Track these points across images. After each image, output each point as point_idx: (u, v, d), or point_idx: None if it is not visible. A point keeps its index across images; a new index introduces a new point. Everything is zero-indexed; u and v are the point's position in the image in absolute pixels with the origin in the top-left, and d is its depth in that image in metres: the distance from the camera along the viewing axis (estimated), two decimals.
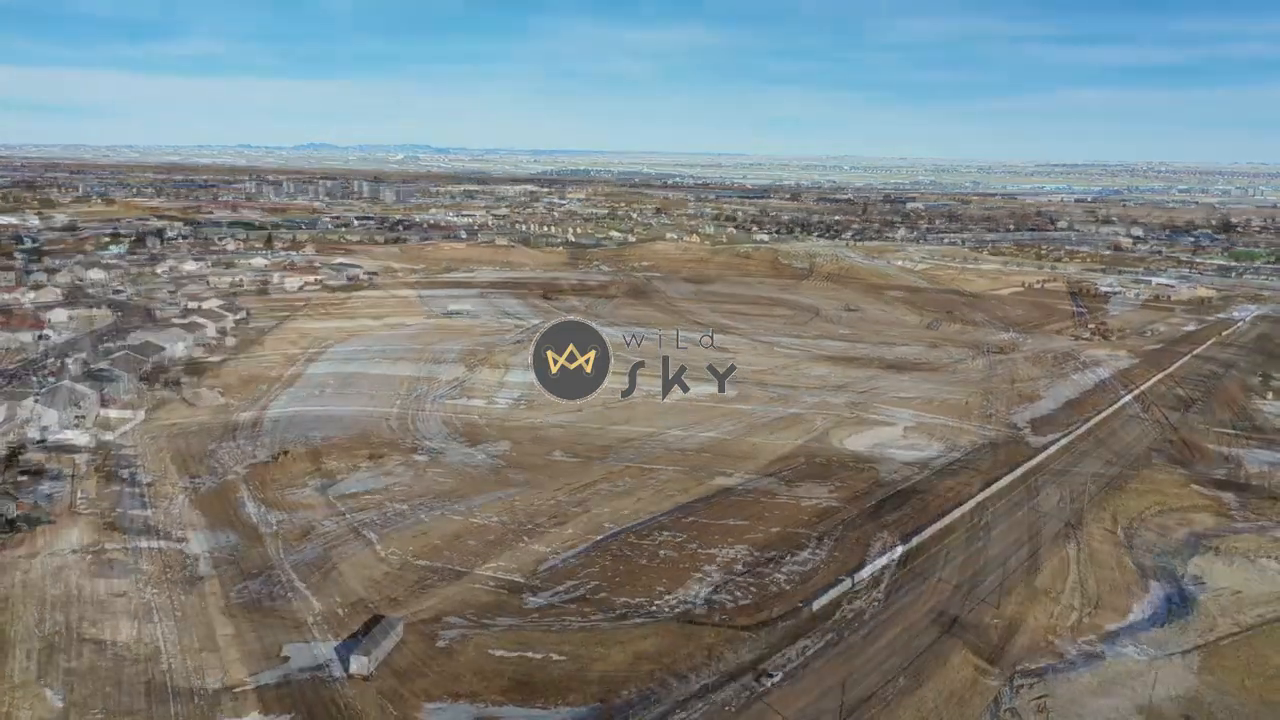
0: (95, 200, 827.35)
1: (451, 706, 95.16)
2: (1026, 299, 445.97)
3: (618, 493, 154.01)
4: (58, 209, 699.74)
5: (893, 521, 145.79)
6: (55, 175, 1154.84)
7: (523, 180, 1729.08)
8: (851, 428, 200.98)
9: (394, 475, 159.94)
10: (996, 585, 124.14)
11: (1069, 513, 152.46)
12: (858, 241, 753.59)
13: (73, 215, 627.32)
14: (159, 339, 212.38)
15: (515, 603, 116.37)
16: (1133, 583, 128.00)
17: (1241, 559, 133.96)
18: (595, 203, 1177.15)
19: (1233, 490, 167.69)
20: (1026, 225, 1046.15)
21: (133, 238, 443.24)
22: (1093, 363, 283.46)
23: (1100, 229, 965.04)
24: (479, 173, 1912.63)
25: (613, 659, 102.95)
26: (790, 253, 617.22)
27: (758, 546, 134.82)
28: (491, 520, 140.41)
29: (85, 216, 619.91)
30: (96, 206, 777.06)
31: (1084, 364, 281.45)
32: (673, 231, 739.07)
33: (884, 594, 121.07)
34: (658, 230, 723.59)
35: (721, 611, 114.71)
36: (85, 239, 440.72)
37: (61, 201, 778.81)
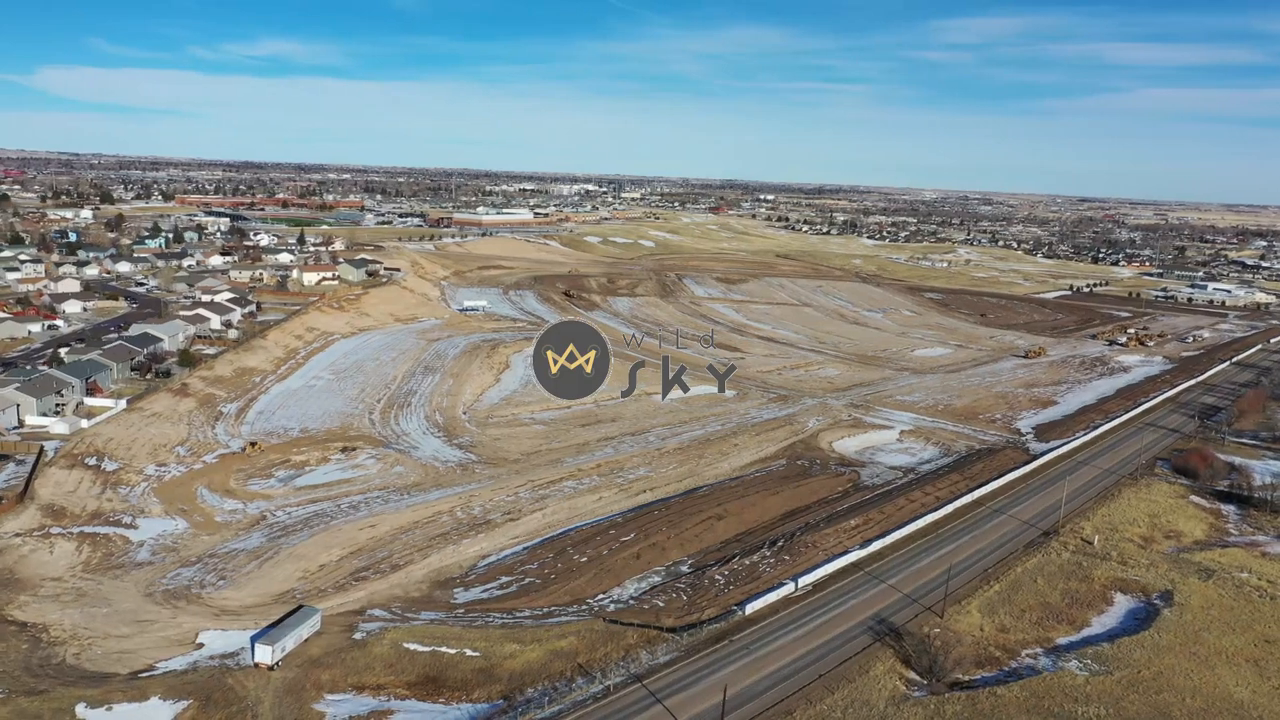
0: (155, 196, 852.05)
1: (352, 699, 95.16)
2: (1071, 303, 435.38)
3: (581, 490, 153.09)
4: (118, 204, 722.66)
5: (857, 526, 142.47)
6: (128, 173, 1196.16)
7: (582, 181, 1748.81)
8: (845, 430, 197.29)
9: (362, 468, 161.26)
10: (949, 594, 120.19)
11: (1049, 521, 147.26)
12: (909, 243, 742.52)
13: (130, 211, 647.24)
14: (158, 330, 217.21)
15: (444, 597, 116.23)
16: (1098, 595, 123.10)
17: (1221, 574, 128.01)
18: (649, 203, 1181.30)
19: (1235, 502, 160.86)
20: (1092, 229, 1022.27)
21: (171, 233, 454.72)
22: (1121, 368, 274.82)
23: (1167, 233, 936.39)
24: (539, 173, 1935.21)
25: (526, 657, 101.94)
26: (830, 253, 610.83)
27: (711, 547, 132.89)
28: (444, 515, 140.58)
29: (139, 212, 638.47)
30: (155, 203, 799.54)
31: (1112, 369, 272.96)
32: (716, 228, 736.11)
33: (828, 599, 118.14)
34: (698, 229, 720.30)
35: (652, 612, 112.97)
36: (125, 233, 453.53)
37: (123, 198, 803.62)
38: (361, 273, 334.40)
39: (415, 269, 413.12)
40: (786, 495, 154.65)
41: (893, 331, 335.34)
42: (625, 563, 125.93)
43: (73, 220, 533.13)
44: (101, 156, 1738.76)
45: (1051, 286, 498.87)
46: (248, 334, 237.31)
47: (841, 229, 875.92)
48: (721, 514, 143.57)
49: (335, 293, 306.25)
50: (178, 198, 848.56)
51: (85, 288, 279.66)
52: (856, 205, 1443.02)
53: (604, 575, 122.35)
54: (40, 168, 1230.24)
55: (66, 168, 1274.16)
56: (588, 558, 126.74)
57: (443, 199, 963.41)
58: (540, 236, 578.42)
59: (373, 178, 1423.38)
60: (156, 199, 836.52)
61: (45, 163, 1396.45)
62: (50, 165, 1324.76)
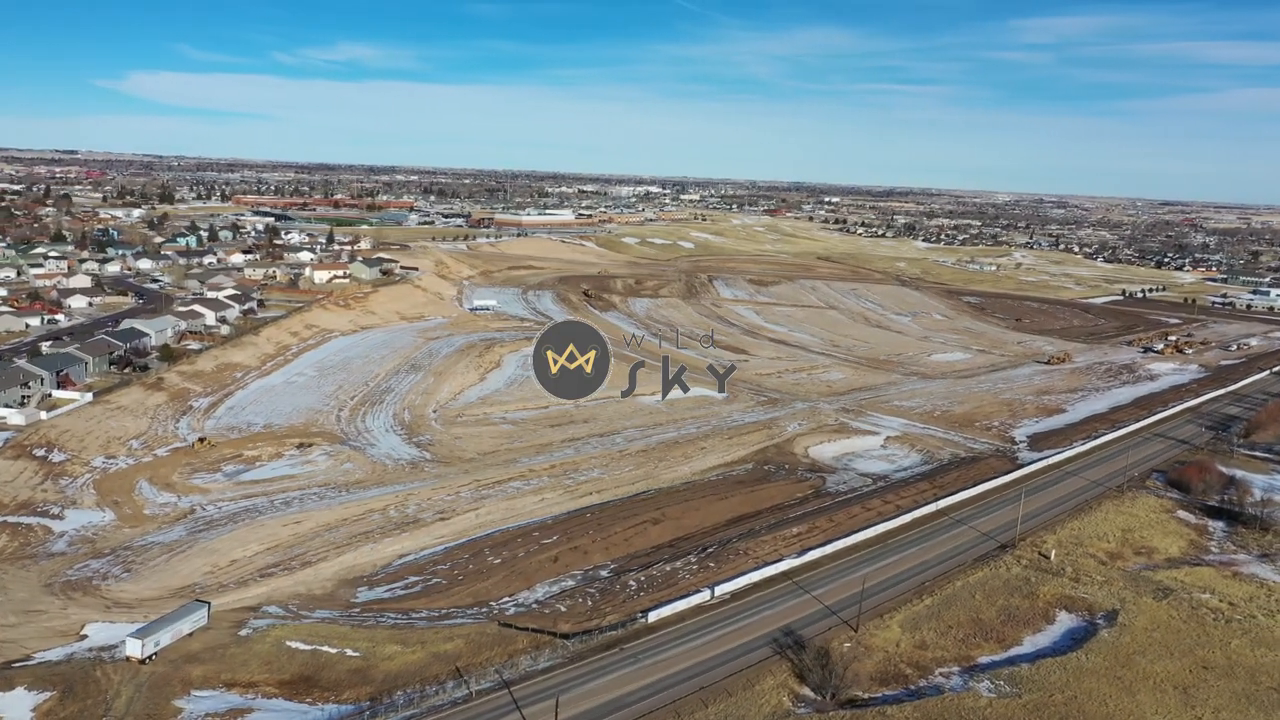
0: (215, 197, 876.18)
1: (218, 695, 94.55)
2: (1120, 308, 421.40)
3: (525, 491, 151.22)
4: (176, 204, 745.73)
5: (800, 534, 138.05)
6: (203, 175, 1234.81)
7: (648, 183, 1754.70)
8: (827, 435, 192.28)
9: (312, 464, 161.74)
10: (870, 608, 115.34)
11: (1012, 534, 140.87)
12: (964, 246, 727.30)
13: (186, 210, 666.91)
14: (146, 326, 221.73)
15: (346, 596, 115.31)
16: (1039, 613, 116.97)
17: (1180, 593, 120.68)
18: (707, 204, 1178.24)
19: (1224, 518, 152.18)
20: (1166, 232, 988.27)
21: (206, 231, 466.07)
22: (1148, 376, 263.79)
23: (1246, 238, 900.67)
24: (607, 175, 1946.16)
25: (406, 659, 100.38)
26: (877, 256, 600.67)
27: (639, 552, 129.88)
28: (376, 513, 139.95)
29: (193, 212, 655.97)
30: (213, 203, 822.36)
31: (1137, 378, 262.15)
32: (762, 230, 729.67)
33: (742, 609, 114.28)
34: (744, 231, 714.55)
35: (551, 617, 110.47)
36: (163, 232, 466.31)
37: (185, 198, 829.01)
38: (375, 271, 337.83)
39: (439, 268, 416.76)
40: (737, 500, 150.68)
41: (915, 335, 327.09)
42: (540, 565, 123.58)
43: (120, 219, 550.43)
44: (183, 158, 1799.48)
45: (1103, 291, 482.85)
46: (240, 330, 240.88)
47: (898, 232, 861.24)
48: (659, 518, 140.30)
49: (343, 291, 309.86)
50: (234, 198, 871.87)
51: (97, 284, 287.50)
52: (922, 208, 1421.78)
53: (515, 578, 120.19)
54: (122, 169, 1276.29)
55: (146, 169, 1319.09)
56: (502, 559, 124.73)
57: (499, 200, 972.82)
58: (576, 237, 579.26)
59: (439, 179, 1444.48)
60: (215, 199, 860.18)
61: (128, 164, 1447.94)
62: (132, 167, 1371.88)
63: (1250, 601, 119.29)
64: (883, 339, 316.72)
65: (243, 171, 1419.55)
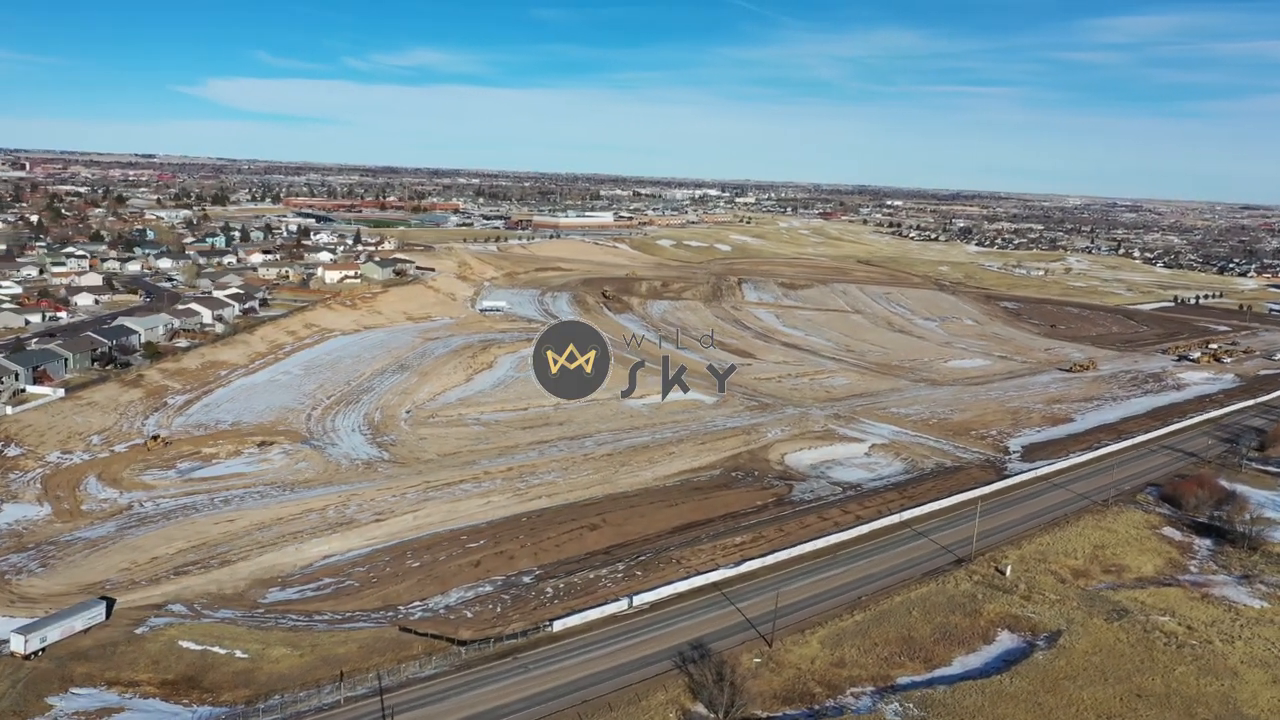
0: (267, 200, 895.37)
1: (95, 693, 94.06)
2: (1168, 315, 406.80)
3: (473, 494, 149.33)
4: (228, 206, 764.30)
5: (742, 544, 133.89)
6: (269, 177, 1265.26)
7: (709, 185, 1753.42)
8: (810, 441, 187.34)
9: (268, 462, 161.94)
10: (798, 622, 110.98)
11: (968, 548, 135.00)
12: (1018, 250, 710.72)
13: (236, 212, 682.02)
14: (136, 324, 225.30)
15: (255, 596, 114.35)
16: (979, 632, 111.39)
17: (1136, 615, 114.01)
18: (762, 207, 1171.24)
19: (1213, 536, 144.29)
20: (1239, 237, 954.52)
21: (239, 232, 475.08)
22: (1175, 386, 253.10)
23: None
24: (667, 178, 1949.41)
25: (293, 662, 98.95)
26: (921, 259, 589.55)
27: (570, 558, 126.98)
28: (314, 512, 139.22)
29: (239, 213, 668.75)
30: (264, 205, 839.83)
31: (1163, 387, 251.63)
32: (807, 234, 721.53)
33: (657, 620, 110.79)
34: (788, 234, 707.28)
35: (455, 623, 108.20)
36: (197, 232, 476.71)
37: (238, 200, 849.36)
38: (388, 272, 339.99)
39: (461, 269, 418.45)
40: (689, 507, 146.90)
41: (936, 341, 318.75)
42: (460, 570, 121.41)
43: (162, 220, 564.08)
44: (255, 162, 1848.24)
45: (1155, 298, 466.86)
46: (235, 329, 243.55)
47: (952, 236, 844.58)
48: (599, 524, 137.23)
49: (352, 290, 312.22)
50: (285, 200, 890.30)
51: (108, 282, 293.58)
52: (986, 212, 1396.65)
53: (430, 582, 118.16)
54: (193, 172, 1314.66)
55: (216, 172, 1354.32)
56: (421, 563, 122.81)
57: (550, 203, 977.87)
58: (610, 239, 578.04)
59: (499, 183, 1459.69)
60: (267, 201, 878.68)
61: (200, 168, 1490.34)
62: (203, 170, 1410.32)
63: (1211, 626, 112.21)
64: (902, 344, 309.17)
65: (308, 174, 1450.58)
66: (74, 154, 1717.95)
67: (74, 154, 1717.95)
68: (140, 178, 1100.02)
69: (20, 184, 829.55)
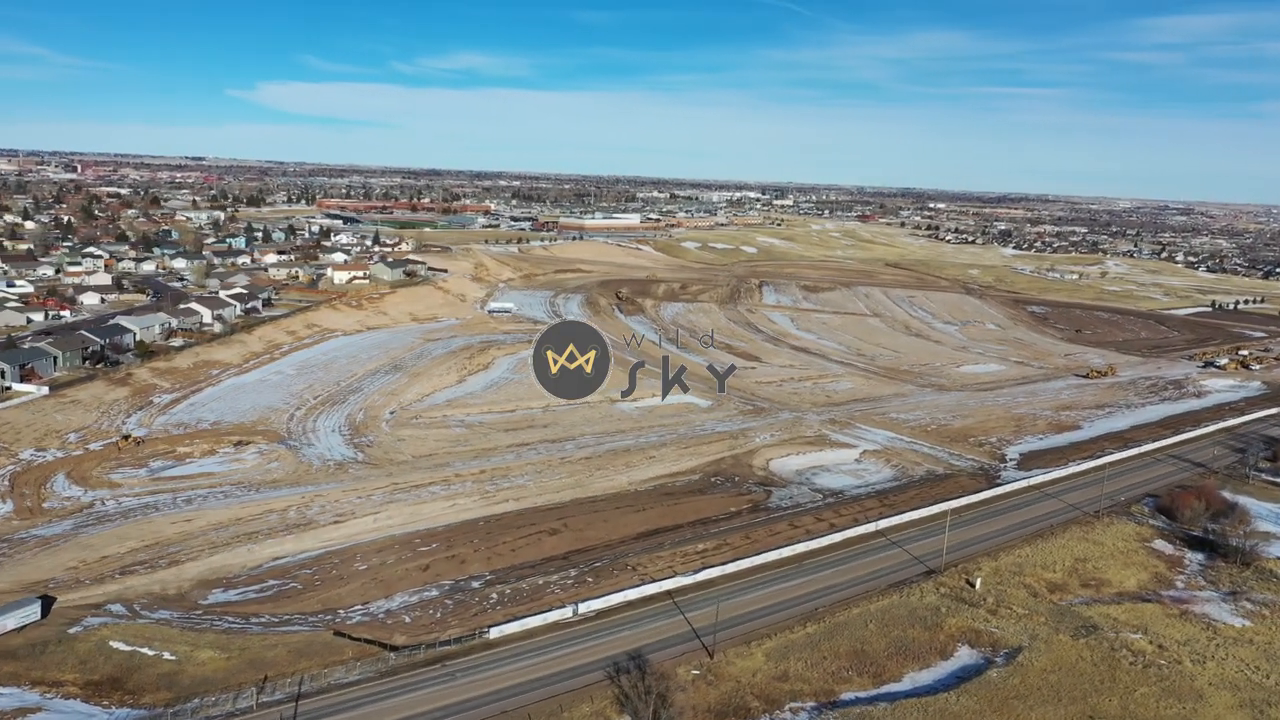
0: (301, 201, 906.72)
1: (16, 693, 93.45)
2: (1203, 320, 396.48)
3: (439, 497, 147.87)
4: (261, 208, 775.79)
5: (704, 551, 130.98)
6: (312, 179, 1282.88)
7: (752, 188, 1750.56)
8: (799, 447, 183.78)
9: (240, 462, 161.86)
10: (747, 633, 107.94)
11: (946, 559, 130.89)
12: (1057, 253, 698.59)
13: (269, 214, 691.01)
14: (131, 322, 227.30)
15: (197, 597, 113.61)
16: (937, 647, 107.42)
17: (1105, 631, 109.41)
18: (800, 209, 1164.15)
19: (1206, 550, 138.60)
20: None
21: (260, 233, 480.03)
22: (1195, 393, 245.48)
23: None
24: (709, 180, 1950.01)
25: (219, 665, 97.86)
26: (953, 263, 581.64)
27: (523, 564, 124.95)
28: (274, 513, 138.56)
29: (275, 215, 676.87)
30: (298, 207, 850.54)
31: (1183, 394, 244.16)
32: (838, 236, 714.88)
33: (599, 629, 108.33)
34: (818, 237, 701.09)
35: (391, 628, 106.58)
36: (221, 232, 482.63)
37: (273, 202, 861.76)
38: (398, 273, 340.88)
39: (478, 270, 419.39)
40: (658, 513, 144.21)
41: (953, 345, 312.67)
42: (408, 574, 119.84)
43: (189, 221, 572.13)
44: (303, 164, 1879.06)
45: (1192, 302, 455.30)
46: (233, 328, 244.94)
47: (991, 238, 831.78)
48: (558, 529, 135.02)
49: (359, 291, 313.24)
50: (318, 202, 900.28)
51: (116, 282, 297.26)
52: (1031, 214, 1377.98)
53: (375, 585, 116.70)
54: (239, 174, 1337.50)
55: (260, 175, 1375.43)
56: (369, 566, 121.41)
57: (585, 205, 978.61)
58: (634, 241, 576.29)
59: (540, 185, 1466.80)
60: (301, 204, 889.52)
61: (246, 170, 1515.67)
62: (249, 172, 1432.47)
63: (1184, 645, 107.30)
64: (916, 348, 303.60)
65: (351, 177, 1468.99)
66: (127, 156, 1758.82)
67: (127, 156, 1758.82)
68: (186, 180, 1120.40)
69: (65, 186, 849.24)
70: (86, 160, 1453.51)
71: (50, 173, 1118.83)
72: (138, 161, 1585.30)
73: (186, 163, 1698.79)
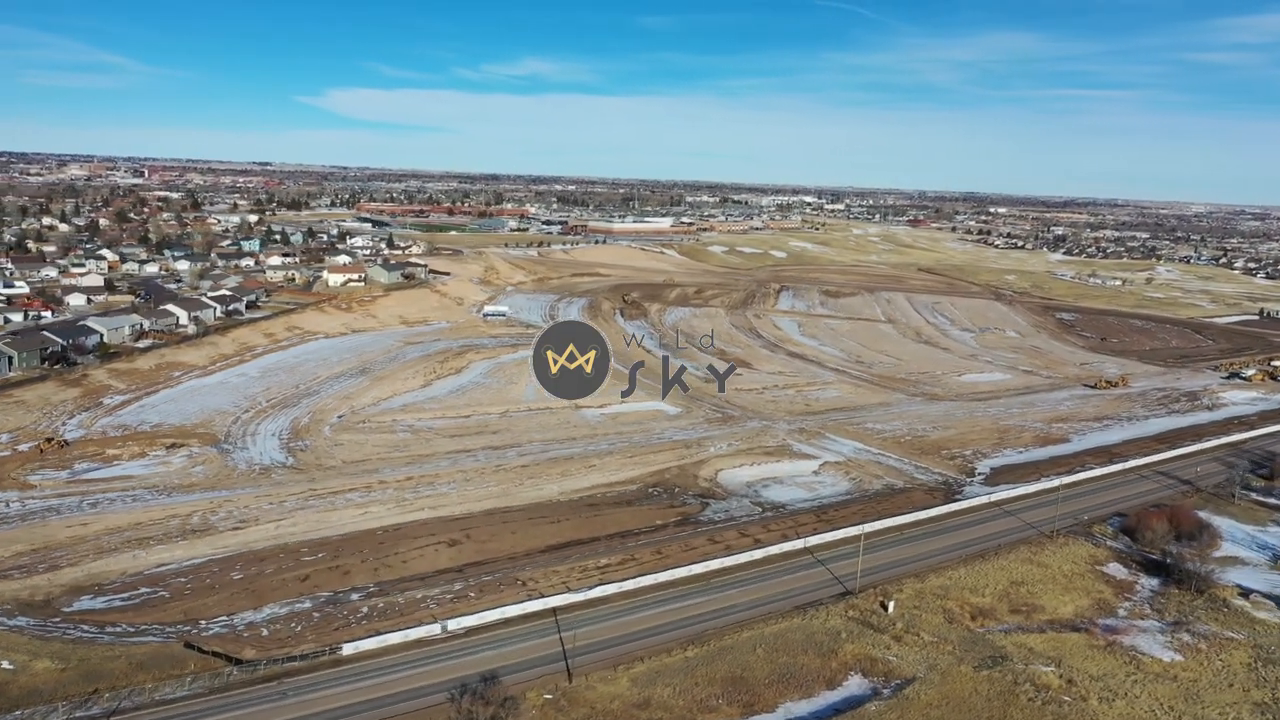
0: (342, 206, 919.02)
1: None
2: (1246, 329, 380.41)
3: (351, 505, 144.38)
4: (301, 210, 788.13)
5: (612, 566, 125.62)
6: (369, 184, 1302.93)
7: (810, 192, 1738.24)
8: (755, 458, 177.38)
9: (166, 465, 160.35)
10: (620, 655, 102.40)
11: (869, 579, 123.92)
12: (1106, 259, 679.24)
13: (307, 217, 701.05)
14: (100, 323, 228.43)
15: (62, 604, 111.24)
16: (824, 676, 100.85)
17: (1014, 663, 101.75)
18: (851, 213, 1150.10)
19: (1161, 575, 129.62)
20: None
21: (279, 235, 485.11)
22: (1208, 406, 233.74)
23: None
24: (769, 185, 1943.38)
25: (53, 675, 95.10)
26: (993, 268, 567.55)
27: (412, 576, 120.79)
28: (176, 518, 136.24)
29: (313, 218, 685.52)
30: (338, 210, 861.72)
31: (1195, 407, 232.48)
32: (877, 240, 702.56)
33: (462, 647, 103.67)
34: (854, 241, 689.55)
35: (245, 641, 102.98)
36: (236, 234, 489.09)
37: (317, 205, 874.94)
38: (395, 275, 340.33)
39: (487, 273, 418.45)
40: (573, 525, 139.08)
41: (961, 353, 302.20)
42: (284, 584, 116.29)
43: (215, 225, 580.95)
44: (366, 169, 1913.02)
45: (1239, 310, 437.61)
46: (207, 330, 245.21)
47: (1041, 244, 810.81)
48: (460, 540, 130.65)
49: (351, 294, 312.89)
50: (358, 205, 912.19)
51: (108, 283, 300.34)
52: (1094, 219, 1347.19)
53: (246, 596, 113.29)
54: (300, 179, 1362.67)
55: (320, 179, 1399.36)
56: (245, 575, 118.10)
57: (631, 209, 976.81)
58: (659, 245, 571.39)
59: (596, 189, 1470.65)
60: (342, 208, 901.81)
61: (307, 175, 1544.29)
62: (308, 177, 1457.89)
63: (1097, 680, 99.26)
64: (921, 356, 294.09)
65: (408, 181, 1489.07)
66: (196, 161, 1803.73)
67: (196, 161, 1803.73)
68: (247, 184, 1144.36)
69: (116, 190, 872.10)
70: (154, 165, 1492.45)
71: (118, 177, 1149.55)
72: (204, 166, 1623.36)
73: (251, 167, 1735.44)
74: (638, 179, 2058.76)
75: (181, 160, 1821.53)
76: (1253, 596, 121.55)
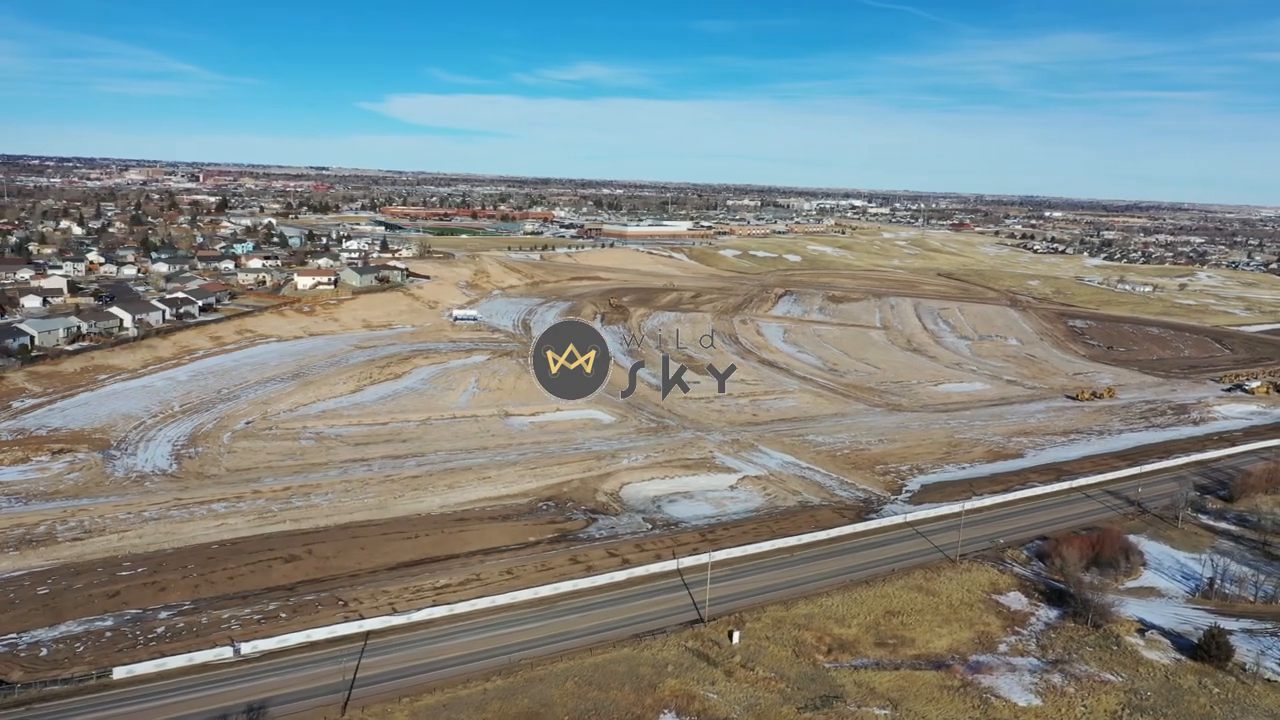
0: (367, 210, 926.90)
1: None
2: (1271, 338, 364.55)
3: (210, 516, 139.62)
4: (327, 214, 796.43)
5: (453, 586, 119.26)
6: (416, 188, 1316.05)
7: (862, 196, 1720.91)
8: (670, 471, 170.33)
9: (43, 471, 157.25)
10: (412, 687, 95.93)
11: (732, 606, 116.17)
12: (1147, 263, 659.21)
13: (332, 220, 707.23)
14: (36, 325, 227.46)
15: None
16: (634, 714, 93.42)
17: (848, 706, 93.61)
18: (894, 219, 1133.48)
19: (1063, 605, 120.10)
20: None
21: (278, 238, 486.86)
22: (1197, 420, 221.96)
23: None
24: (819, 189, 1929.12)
25: None
26: (1019, 274, 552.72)
27: (237, 592, 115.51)
28: (20, 526, 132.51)
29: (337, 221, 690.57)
30: (363, 214, 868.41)
31: (1182, 420, 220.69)
32: (904, 244, 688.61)
33: (249, 673, 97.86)
34: (878, 246, 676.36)
35: (25, 661, 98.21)
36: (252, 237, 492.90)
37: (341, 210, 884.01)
38: (369, 278, 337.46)
39: (476, 276, 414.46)
40: (434, 541, 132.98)
41: (946, 362, 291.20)
42: (91, 599, 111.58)
43: (225, 228, 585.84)
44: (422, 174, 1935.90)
45: (1273, 318, 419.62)
46: (146, 333, 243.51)
47: (1086, 248, 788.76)
48: (299, 556, 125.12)
49: (315, 297, 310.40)
50: (381, 209, 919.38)
51: (71, 285, 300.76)
52: (1153, 224, 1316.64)
53: (44, 612, 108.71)
54: (351, 184, 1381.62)
55: (370, 184, 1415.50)
56: (51, 590, 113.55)
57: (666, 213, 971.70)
58: (668, 249, 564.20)
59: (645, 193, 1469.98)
60: (367, 212, 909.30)
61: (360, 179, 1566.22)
62: (359, 182, 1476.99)
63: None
64: (900, 364, 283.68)
65: (458, 185, 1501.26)
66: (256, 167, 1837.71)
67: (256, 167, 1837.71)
68: (297, 189, 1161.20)
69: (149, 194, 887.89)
70: (210, 170, 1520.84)
71: (173, 182, 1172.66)
72: (261, 171, 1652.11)
73: (307, 172, 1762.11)
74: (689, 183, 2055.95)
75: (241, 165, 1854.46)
76: (1150, 634, 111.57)
